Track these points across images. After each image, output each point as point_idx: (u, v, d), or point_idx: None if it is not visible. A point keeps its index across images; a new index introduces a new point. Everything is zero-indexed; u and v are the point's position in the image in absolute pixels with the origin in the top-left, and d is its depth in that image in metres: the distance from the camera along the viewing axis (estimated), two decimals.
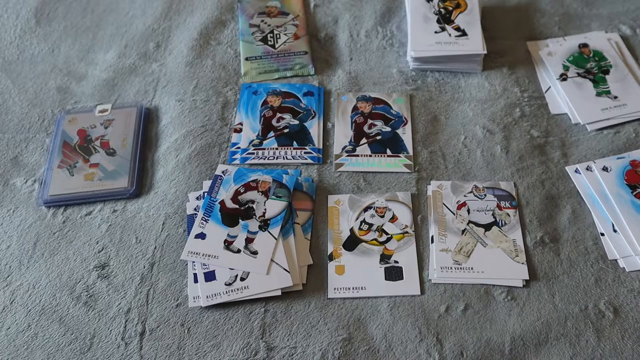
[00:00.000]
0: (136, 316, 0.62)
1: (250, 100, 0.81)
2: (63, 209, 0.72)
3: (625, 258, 0.64)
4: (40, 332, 0.62)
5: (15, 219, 0.71)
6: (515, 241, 0.66)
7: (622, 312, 0.61)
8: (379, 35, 0.89)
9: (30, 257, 0.68)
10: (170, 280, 0.65)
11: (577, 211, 0.69)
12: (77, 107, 0.83)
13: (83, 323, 0.62)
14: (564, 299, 0.62)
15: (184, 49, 0.88)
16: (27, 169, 0.76)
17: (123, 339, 0.61)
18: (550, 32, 0.89)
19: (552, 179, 0.72)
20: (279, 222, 0.67)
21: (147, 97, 0.84)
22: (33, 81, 0.86)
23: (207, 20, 0.92)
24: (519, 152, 0.74)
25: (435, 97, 0.81)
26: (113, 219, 0.70)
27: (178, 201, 0.71)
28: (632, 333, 0.59)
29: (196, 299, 0.63)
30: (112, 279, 0.65)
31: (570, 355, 0.58)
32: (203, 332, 0.61)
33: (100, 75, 0.86)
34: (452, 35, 0.84)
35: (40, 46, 0.91)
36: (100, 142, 0.77)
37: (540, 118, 0.78)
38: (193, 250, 0.66)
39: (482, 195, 0.70)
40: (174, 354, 0.60)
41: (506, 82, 0.82)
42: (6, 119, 0.82)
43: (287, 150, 0.76)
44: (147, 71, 0.87)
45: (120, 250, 0.68)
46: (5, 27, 0.94)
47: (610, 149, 0.74)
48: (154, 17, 0.94)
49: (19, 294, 0.65)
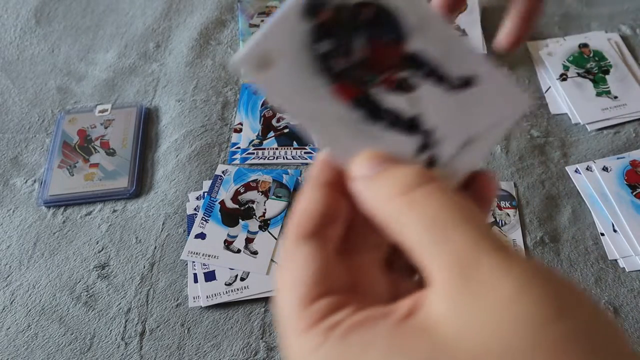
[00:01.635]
0: (136, 316, 0.62)
1: (250, 100, 0.81)
2: (63, 209, 0.72)
3: (625, 258, 0.64)
4: (40, 332, 0.62)
5: (15, 219, 0.71)
6: (515, 241, 0.66)
7: (622, 312, 0.61)
8: None
9: (30, 257, 0.68)
10: (170, 280, 0.65)
11: (577, 211, 0.69)
12: (77, 107, 0.83)
13: (83, 323, 0.62)
14: None
15: (184, 49, 0.88)
16: (27, 169, 0.76)
17: (123, 339, 0.61)
18: (550, 32, 0.89)
19: (552, 179, 0.72)
20: (279, 222, 0.67)
21: (147, 97, 0.84)
22: (33, 81, 0.86)
23: (207, 20, 0.92)
24: (519, 152, 0.74)
25: None
26: (113, 219, 0.70)
27: (178, 201, 0.71)
28: (632, 333, 0.59)
29: (196, 299, 0.63)
30: (112, 279, 0.65)
31: None
32: (203, 332, 0.61)
33: (100, 75, 0.86)
34: None
35: (40, 46, 0.91)
36: (100, 142, 0.77)
37: (540, 118, 0.78)
38: (193, 250, 0.66)
39: None
40: (174, 354, 0.60)
41: None
42: (6, 119, 0.82)
43: (287, 150, 0.76)
44: (147, 71, 0.87)
45: (120, 250, 0.68)
46: (5, 27, 0.94)
47: (610, 149, 0.74)
48: (154, 17, 0.94)
49: (19, 294, 0.65)
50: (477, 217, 0.21)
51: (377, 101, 0.26)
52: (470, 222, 0.21)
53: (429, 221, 0.21)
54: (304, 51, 0.25)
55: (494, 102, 0.27)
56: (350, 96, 0.26)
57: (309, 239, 0.24)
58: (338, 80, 0.25)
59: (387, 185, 0.23)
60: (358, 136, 0.26)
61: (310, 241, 0.24)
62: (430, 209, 0.21)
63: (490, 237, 0.21)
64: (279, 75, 0.25)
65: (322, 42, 0.25)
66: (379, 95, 0.26)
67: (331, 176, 0.26)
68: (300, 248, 0.24)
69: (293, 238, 0.25)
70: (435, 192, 0.22)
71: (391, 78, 0.26)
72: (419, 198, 0.22)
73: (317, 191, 0.25)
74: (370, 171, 0.24)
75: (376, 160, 0.25)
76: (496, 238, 0.21)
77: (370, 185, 0.24)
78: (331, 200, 0.25)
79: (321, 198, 0.25)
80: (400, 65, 0.26)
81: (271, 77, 0.25)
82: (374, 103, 0.26)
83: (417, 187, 0.22)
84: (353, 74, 0.26)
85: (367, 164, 0.24)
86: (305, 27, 0.25)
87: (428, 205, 0.22)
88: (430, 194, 0.22)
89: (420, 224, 0.21)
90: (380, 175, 0.24)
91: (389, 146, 0.26)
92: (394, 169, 0.24)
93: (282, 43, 0.25)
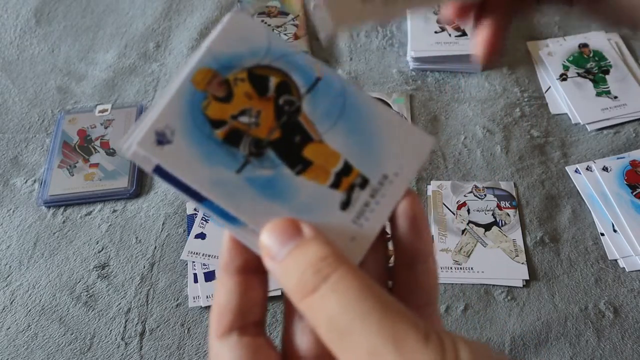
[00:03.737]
0: (136, 316, 0.62)
1: None
2: (63, 209, 0.72)
3: (625, 258, 0.64)
4: (40, 332, 0.62)
5: (15, 219, 0.71)
6: (515, 241, 0.66)
7: (622, 312, 0.61)
8: (379, 35, 0.89)
9: (30, 257, 0.68)
10: (170, 280, 0.65)
11: (577, 211, 0.69)
12: (77, 107, 0.83)
13: (83, 323, 0.62)
14: (564, 299, 0.62)
15: (184, 49, 0.88)
16: (27, 169, 0.76)
17: (123, 339, 0.61)
18: (550, 32, 0.89)
19: (552, 179, 0.72)
20: None
21: (147, 97, 0.84)
22: (33, 81, 0.86)
23: (207, 20, 0.92)
24: (519, 152, 0.74)
25: (435, 97, 0.81)
26: (113, 219, 0.70)
27: (178, 201, 0.71)
28: (632, 333, 0.59)
29: (196, 299, 0.63)
30: (112, 279, 0.65)
31: (570, 355, 0.58)
32: (203, 332, 0.61)
33: (100, 75, 0.86)
34: (452, 35, 0.84)
35: (40, 46, 0.91)
36: (100, 142, 0.77)
37: (540, 118, 0.78)
38: (193, 250, 0.66)
39: (482, 195, 0.70)
40: (174, 354, 0.60)
41: (506, 82, 0.82)
42: (6, 119, 0.82)
43: None
44: (147, 71, 0.87)
45: (120, 250, 0.68)
46: (5, 27, 0.94)
47: (610, 149, 0.74)
48: (154, 17, 0.94)
49: (19, 294, 0.65)
50: (381, 312, 0.20)
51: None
52: (372, 322, 0.20)
53: (331, 326, 0.21)
54: (195, 116, 0.25)
55: (399, 146, 0.26)
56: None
57: (227, 336, 0.24)
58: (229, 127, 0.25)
59: (292, 281, 0.22)
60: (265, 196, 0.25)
61: (229, 338, 0.24)
62: (331, 311, 0.21)
63: (391, 337, 0.20)
64: (177, 148, 0.24)
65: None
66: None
67: (241, 259, 0.25)
68: (222, 347, 0.24)
69: (212, 340, 0.24)
70: (338, 287, 0.21)
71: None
72: (317, 301, 0.21)
73: (229, 280, 0.24)
74: (279, 250, 0.23)
75: (285, 231, 0.23)
76: (401, 334, 0.20)
77: (280, 272, 0.23)
78: (244, 288, 0.24)
79: (234, 288, 0.24)
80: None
81: (169, 151, 0.24)
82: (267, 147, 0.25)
83: (320, 283, 0.21)
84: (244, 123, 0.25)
85: (275, 239, 0.23)
86: (197, 96, 0.25)
87: (329, 308, 0.21)
88: (332, 291, 0.21)
89: (323, 328, 0.21)
90: (286, 262, 0.23)
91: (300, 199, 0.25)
92: (299, 253, 0.23)
93: (176, 116, 0.25)
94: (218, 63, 0.25)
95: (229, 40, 0.26)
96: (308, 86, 0.26)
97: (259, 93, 0.26)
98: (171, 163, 0.24)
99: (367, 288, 0.21)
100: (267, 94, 0.26)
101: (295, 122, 0.26)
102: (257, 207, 0.24)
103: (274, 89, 0.26)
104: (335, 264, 0.22)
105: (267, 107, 0.26)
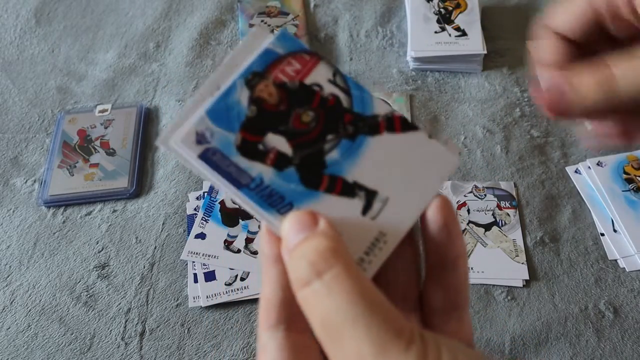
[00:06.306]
0: (136, 316, 0.62)
1: None
2: (63, 209, 0.72)
3: (625, 258, 0.64)
4: (40, 332, 0.62)
5: (15, 219, 0.71)
6: (515, 241, 0.66)
7: (622, 312, 0.61)
8: (379, 35, 0.89)
9: (30, 257, 0.68)
10: (170, 280, 0.65)
11: (577, 211, 0.69)
12: (77, 107, 0.83)
13: (83, 323, 0.62)
14: (564, 299, 0.62)
15: (184, 49, 0.88)
16: (27, 169, 0.76)
17: (123, 339, 0.61)
18: None
19: (552, 179, 0.72)
20: None
21: (147, 97, 0.84)
22: (33, 81, 0.86)
23: (207, 20, 0.92)
24: (519, 152, 0.74)
25: (435, 97, 0.81)
26: (113, 219, 0.70)
27: (178, 201, 0.71)
28: (632, 333, 0.59)
29: (196, 299, 0.63)
30: (112, 279, 0.65)
31: (570, 355, 0.58)
32: (203, 332, 0.61)
33: (100, 75, 0.86)
34: (452, 35, 0.84)
35: (40, 46, 0.91)
36: (100, 142, 0.77)
37: (540, 118, 0.78)
38: (193, 250, 0.66)
39: (482, 195, 0.70)
40: (174, 354, 0.60)
41: (506, 82, 0.82)
42: (6, 119, 0.82)
43: None
44: (147, 71, 0.87)
45: (120, 250, 0.68)
46: (5, 27, 0.94)
47: (610, 149, 0.74)
48: (154, 17, 0.94)
49: (19, 294, 0.65)
50: (369, 317, 0.21)
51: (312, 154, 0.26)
52: (360, 327, 0.20)
53: (323, 325, 0.21)
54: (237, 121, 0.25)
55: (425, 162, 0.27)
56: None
57: (274, 329, 0.24)
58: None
59: (295, 270, 0.23)
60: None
61: (276, 331, 0.24)
62: (324, 310, 0.21)
63: (377, 345, 0.20)
64: (215, 149, 0.25)
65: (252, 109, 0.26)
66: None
67: (279, 248, 0.25)
68: (269, 340, 0.24)
69: (261, 330, 0.24)
70: (332, 287, 0.21)
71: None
72: (311, 297, 0.22)
73: (272, 269, 0.25)
74: (292, 239, 0.23)
75: (301, 222, 0.24)
76: (386, 342, 0.20)
77: (286, 261, 0.23)
78: (287, 278, 0.25)
79: (277, 277, 0.24)
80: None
81: (207, 151, 0.25)
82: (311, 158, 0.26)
83: (313, 277, 0.21)
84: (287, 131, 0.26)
85: (292, 228, 0.24)
86: (243, 99, 0.26)
87: (322, 306, 0.21)
88: (326, 290, 0.21)
89: (317, 324, 0.21)
90: (293, 252, 0.23)
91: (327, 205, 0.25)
92: (305, 244, 0.23)
93: (220, 117, 0.25)
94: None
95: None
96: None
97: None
98: (210, 162, 0.25)
99: (360, 291, 0.21)
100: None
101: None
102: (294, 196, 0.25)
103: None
104: (331, 260, 0.22)
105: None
